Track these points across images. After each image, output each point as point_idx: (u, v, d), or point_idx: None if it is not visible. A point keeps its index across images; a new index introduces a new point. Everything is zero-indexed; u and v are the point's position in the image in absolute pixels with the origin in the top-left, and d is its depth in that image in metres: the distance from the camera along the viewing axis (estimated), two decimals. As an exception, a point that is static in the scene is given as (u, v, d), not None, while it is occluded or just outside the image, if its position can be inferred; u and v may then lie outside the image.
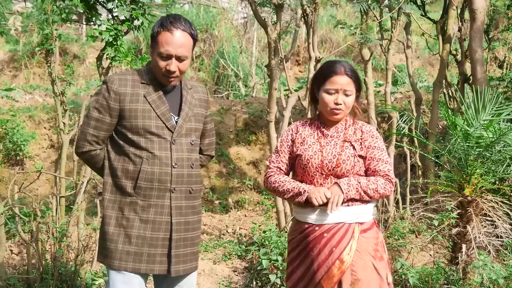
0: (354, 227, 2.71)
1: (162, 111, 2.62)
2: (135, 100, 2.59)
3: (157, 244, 2.60)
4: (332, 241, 2.69)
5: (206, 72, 13.46)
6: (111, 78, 2.62)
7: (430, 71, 13.18)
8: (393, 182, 2.77)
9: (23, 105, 8.97)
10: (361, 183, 2.70)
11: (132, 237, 2.58)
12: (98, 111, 2.61)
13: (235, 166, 8.56)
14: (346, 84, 2.73)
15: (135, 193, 2.58)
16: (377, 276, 2.70)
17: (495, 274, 3.99)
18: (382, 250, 2.79)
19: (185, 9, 15.64)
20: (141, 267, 2.58)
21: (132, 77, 2.64)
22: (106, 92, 2.60)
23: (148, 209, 2.59)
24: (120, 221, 2.59)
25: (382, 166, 2.75)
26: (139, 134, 2.58)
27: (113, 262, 2.58)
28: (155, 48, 2.59)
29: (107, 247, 2.60)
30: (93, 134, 2.63)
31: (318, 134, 2.82)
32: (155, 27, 2.61)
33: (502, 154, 4.23)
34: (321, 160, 2.74)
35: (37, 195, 5.76)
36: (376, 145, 2.77)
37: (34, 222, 4.31)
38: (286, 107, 5.49)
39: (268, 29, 5.27)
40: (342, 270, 2.67)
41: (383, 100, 7.63)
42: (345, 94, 2.74)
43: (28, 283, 4.33)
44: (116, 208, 2.60)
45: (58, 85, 5.18)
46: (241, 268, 5.13)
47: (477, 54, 6.05)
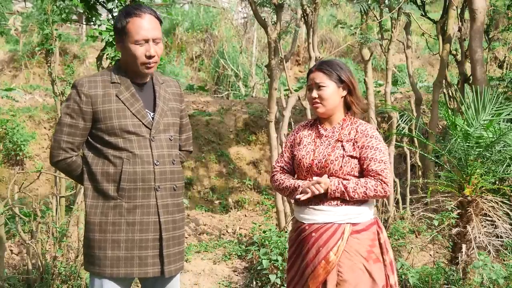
0: (345, 228, 2.70)
1: (136, 108, 2.55)
2: (108, 101, 2.52)
3: (148, 245, 2.53)
4: (319, 240, 2.70)
5: (206, 72, 13.46)
6: (80, 82, 2.54)
7: (430, 71, 13.18)
8: (386, 182, 2.70)
9: (23, 105, 8.97)
10: (348, 187, 2.68)
11: (121, 242, 2.50)
12: (70, 116, 2.53)
13: (235, 166, 8.56)
14: (317, 77, 2.79)
15: (119, 195, 2.50)
16: (368, 279, 2.67)
17: (495, 274, 3.99)
18: (384, 252, 2.76)
19: (185, 9, 15.63)
20: (134, 271, 2.52)
21: (101, 77, 2.57)
22: (76, 96, 2.52)
23: (134, 211, 2.51)
24: (105, 227, 2.50)
25: (375, 165, 2.70)
26: (116, 135, 2.51)
27: (104, 270, 2.51)
28: (128, 39, 2.50)
29: (95, 255, 2.52)
30: (68, 140, 2.55)
31: (315, 134, 2.85)
32: (120, 20, 2.52)
33: (502, 154, 4.23)
34: (312, 160, 2.76)
35: (37, 195, 5.75)
36: (369, 145, 2.73)
37: (34, 222, 4.31)
38: (286, 107, 5.49)
39: (268, 29, 5.27)
40: (328, 270, 2.66)
41: (383, 100, 7.63)
42: (319, 88, 2.78)
43: (28, 283, 4.33)
44: (98, 213, 2.51)
45: (58, 85, 5.17)
46: (241, 268, 5.13)
47: (477, 54, 6.05)
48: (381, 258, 2.75)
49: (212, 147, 8.68)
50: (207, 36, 13.95)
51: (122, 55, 2.59)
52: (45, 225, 4.37)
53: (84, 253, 2.61)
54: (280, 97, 5.98)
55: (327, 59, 2.90)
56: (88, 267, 2.58)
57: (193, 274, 4.95)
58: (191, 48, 13.98)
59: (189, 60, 13.83)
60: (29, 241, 4.28)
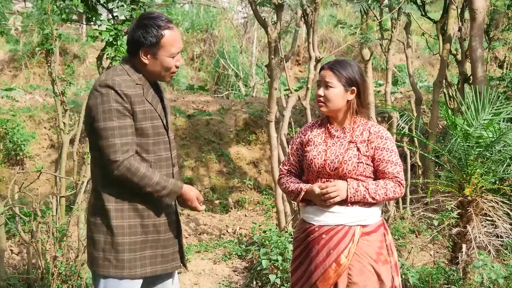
0: (355, 230, 2.69)
1: (160, 109, 2.57)
2: (141, 102, 2.49)
3: (169, 244, 2.60)
4: (330, 243, 2.69)
5: (206, 72, 13.46)
6: (116, 82, 2.43)
7: (430, 71, 13.18)
8: (403, 184, 2.74)
9: (23, 105, 8.96)
10: (369, 189, 2.68)
11: (148, 242, 2.53)
12: (117, 118, 2.41)
13: (235, 166, 8.56)
14: (327, 75, 2.75)
15: (144, 200, 2.50)
16: (376, 280, 2.68)
17: (495, 274, 3.99)
18: (389, 253, 2.76)
19: (185, 9, 15.63)
20: (157, 269, 2.57)
21: (127, 77, 2.51)
22: (117, 97, 2.42)
23: (160, 212, 2.55)
24: (135, 229, 2.50)
25: (391, 168, 2.71)
26: (148, 136, 2.50)
27: (135, 272, 2.50)
28: (163, 52, 2.49)
29: (125, 259, 2.49)
30: (123, 143, 2.42)
31: (326, 135, 2.82)
32: (151, 33, 2.47)
33: (502, 154, 4.23)
34: (324, 160, 2.73)
35: (37, 195, 5.76)
36: (384, 146, 2.73)
37: (34, 222, 4.31)
38: (286, 107, 5.49)
39: (268, 29, 5.27)
40: (339, 272, 2.65)
41: (383, 100, 7.63)
42: (326, 87, 2.75)
43: (28, 283, 4.33)
44: (125, 216, 2.49)
45: (58, 85, 5.17)
46: (241, 268, 5.13)
47: (477, 54, 6.05)
48: (388, 260, 2.75)
49: (212, 147, 8.68)
50: (207, 36, 13.95)
51: (150, 65, 2.53)
52: (45, 225, 4.37)
53: (105, 257, 2.50)
54: (280, 97, 5.98)
55: (342, 60, 2.83)
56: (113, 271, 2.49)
57: (193, 274, 4.95)
58: (191, 48, 13.98)
59: (189, 60, 13.83)
60: (29, 241, 4.29)
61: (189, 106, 9.52)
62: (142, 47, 2.50)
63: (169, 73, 2.57)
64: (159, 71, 2.55)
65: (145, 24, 2.49)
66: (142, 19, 2.52)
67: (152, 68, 2.54)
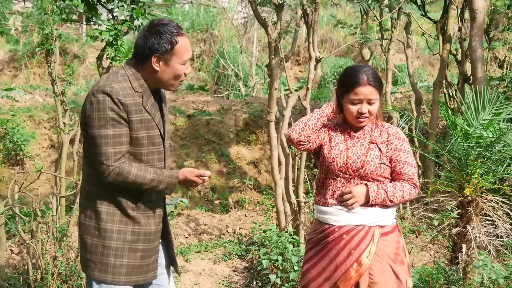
0: (374, 230, 2.71)
1: (158, 118, 2.53)
2: (138, 111, 2.44)
3: (154, 253, 2.59)
4: (351, 243, 2.70)
5: (206, 72, 13.46)
6: (114, 89, 2.39)
7: (430, 71, 13.18)
8: (417, 186, 2.78)
9: (23, 105, 8.96)
10: (388, 192, 2.70)
11: (138, 251, 2.51)
12: (112, 126, 2.39)
13: (235, 165, 8.56)
14: (370, 93, 2.70)
15: (137, 207, 2.50)
16: (395, 280, 2.70)
17: (495, 274, 3.99)
18: (403, 254, 2.79)
19: (185, 9, 15.64)
20: (140, 278, 2.55)
21: (127, 84, 2.45)
22: (113, 105, 2.37)
23: (149, 221, 2.54)
24: (124, 235, 2.48)
25: (408, 169, 2.75)
26: (142, 146, 2.47)
27: (118, 278, 2.48)
28: (176, 59, 2.47)
29: (109, 263, 2.48)
30: (117, 151, 2.40)
31: (345, 135, 2.82)
32: (168, 38, 2.44)
33: (502, 154, 4.23)
34: (346, 160, 2.74)
35: (37, 195, 5.75)
36: (402, 148, 2.76)
37: (34, 222, 4.31)
38: (286, 107, 5.49)
39: (268, 29, 5.27)
40: (360, 272, 2.67)
41: (383, 100, 7.63)
42: (369, 103, 2.71)
43: (28, 283, 4.33)
44: (116, 221, 2.47)
45: (58, 85, 5.17)
46: (241, 268, 5.13)
47: (477, 54, 6.05)
48: (404, 261, 2.77)
49: (212, 147, 8.68)
50: (207, 36, 13.95)
51: (161, 72, 2.48)
52: (45, 225, 4.36)
53: (91, 259, 2.52)
54: (280, 97, 5.98)
55: (372, 71, 2.74)
56: (100, 275, 2.50)
57: (193, 274, 4.95)
58: (191, 48, 14.00)
59: (190, 60, 13.84)
60: (29, 241, 4.28)
61: (189, 106, 9.52)
62: (154, 53, 2.45)
63: (178, 81, 2.53)
64: (169, 78, 2.50)
65: (158, 31, 2.44)
66: (154, 25, 2.46)
67: (162, 75, 2.49)
